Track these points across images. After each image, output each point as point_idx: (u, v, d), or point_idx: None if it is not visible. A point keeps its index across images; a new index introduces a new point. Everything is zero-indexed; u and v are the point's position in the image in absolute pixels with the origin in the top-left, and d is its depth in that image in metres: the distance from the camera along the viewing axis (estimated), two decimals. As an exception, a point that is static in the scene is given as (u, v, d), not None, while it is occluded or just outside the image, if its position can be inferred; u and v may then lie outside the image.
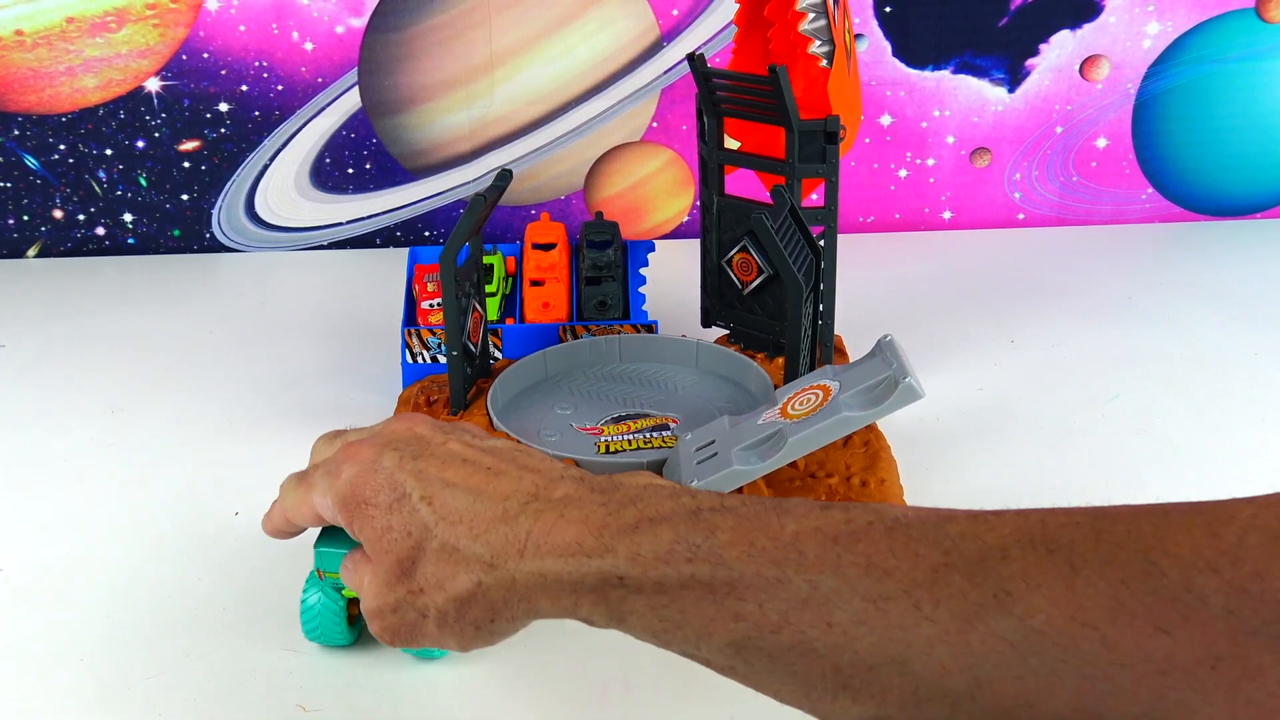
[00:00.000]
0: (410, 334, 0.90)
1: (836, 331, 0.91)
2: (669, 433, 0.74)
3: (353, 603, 0.60)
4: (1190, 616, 0.28)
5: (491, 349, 0.90)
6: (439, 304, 0.91)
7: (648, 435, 0.74)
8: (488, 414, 0.76)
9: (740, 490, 0.65)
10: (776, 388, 0.74)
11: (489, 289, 0.92)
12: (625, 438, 0.74)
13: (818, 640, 0.35)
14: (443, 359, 0.90)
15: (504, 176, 0.76)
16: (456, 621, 0.46)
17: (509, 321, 0.91)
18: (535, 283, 0.92)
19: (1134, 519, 0.31)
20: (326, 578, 0.58)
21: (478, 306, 0.80)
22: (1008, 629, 0.30)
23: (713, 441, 0.65)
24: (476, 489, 0.46)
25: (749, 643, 0.37)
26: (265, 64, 1.14)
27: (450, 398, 0.78)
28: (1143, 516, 0.31)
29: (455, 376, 0.76)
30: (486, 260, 0.94)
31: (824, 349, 0.87)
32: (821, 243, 0.84)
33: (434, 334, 0.90)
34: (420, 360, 0.90)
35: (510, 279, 0.95)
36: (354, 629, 0.61)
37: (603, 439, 0.74)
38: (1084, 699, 0.29)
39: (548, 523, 0.44)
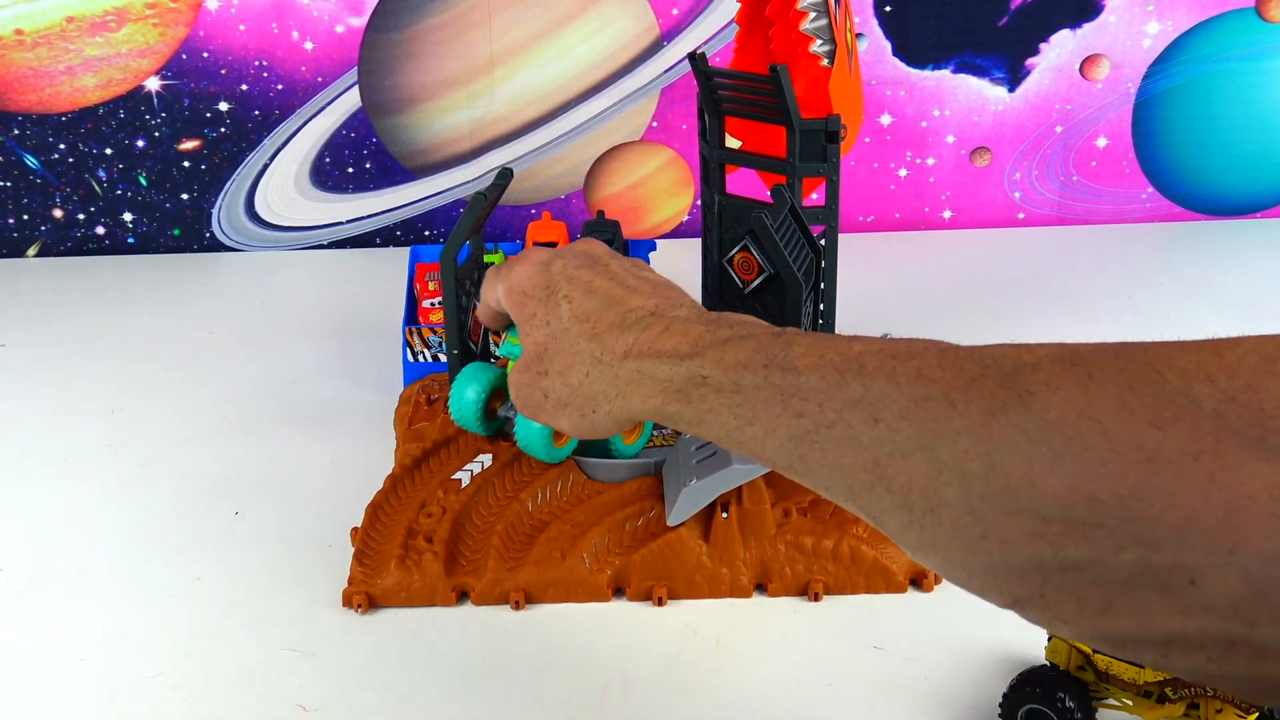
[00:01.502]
0: (411, 332, 0.90)
1: (838, 331, 0.91)
2: (668, 431, 0.75)
3: (494, 397, 0.70)
4: (1182, 416, 0.33)
5: (492, 347, 0.90)
6: (440, 302, 0.91)
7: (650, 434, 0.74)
8: None
9: (739, 489, 0.65)
10: None
11: None
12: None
13: (864, 434, 0.40)
14: (444, 357, 0.90)
15: (505, 175, 0.76)
16: (567, 405, 0.53)
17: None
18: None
19: (1154, 344, 0.36)
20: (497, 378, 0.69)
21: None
22: (1025, 421, 0.35)
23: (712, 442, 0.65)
24: (610, 298, 0.53)
25: (806, 437, 0.42)
26: (265, 63, 1.14)
27: None
28: (1161, 343, 0.36)
29: (455, 375, 0.76)
30: (488, 259, 0.94)
31: (824, 349, 0.87)
32: (822, 242, 0.84)
33: (435, 333, 0.90)
34: (421, 359, 0.90)
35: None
36: (491, 424, 0.70)
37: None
38: (1079, 479, 0.33)
39: (654, 333, 0.50)
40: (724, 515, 0.65)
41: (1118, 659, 0.53)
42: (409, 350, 0.90)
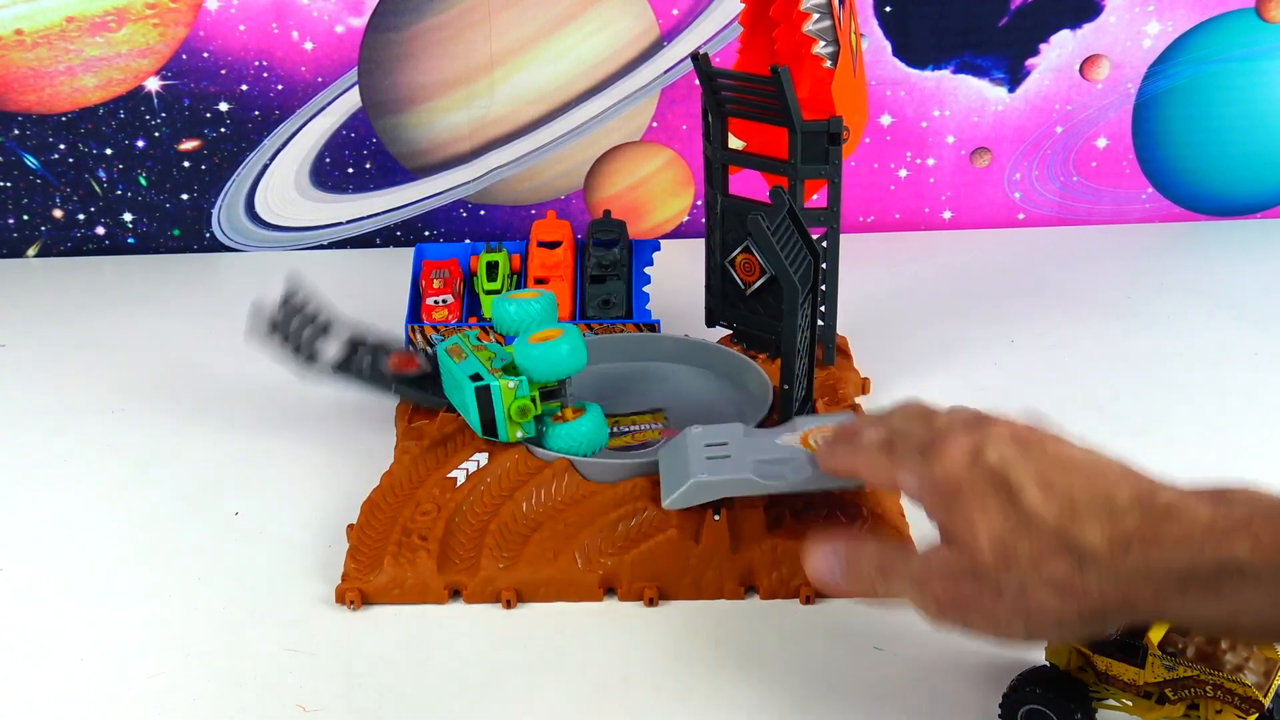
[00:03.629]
0: (414, 330, 0.90)
1: (839, 332, 0.91)
2: (665, 425, 0.75)
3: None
4: None
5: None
6: (444, 300, 0.91)
7: (649, 428, 0.75)
8: None
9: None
10: (783, 400, 0.74)
11: (493, 286, 0.92)
12: (624, 431, 0.75)
13: None
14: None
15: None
16: (1037, 606, 0.47)
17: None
18: (540, 280, 0.92)
19: None
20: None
21: None
22: None
23: (725, 444, 0.65)
24: (1081, 485, 0.48)
25: None
26: (265, 63, 1.14)
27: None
28: None
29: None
30: (491, 258, 0.94)
31: (826, 350, 0.87)
32: (823, 244, 0.84)
33: (438, 330, 0.90)
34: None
35: (515, 277, 0.95)
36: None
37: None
38: None
39: (1155, 520, 0.45)
40: (715, 517, 0.65)
41: (1117, 660, 0.53)
42: (411, 348, 0.90)
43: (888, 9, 1.14)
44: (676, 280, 0.98)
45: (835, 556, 0.55)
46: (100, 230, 1.19)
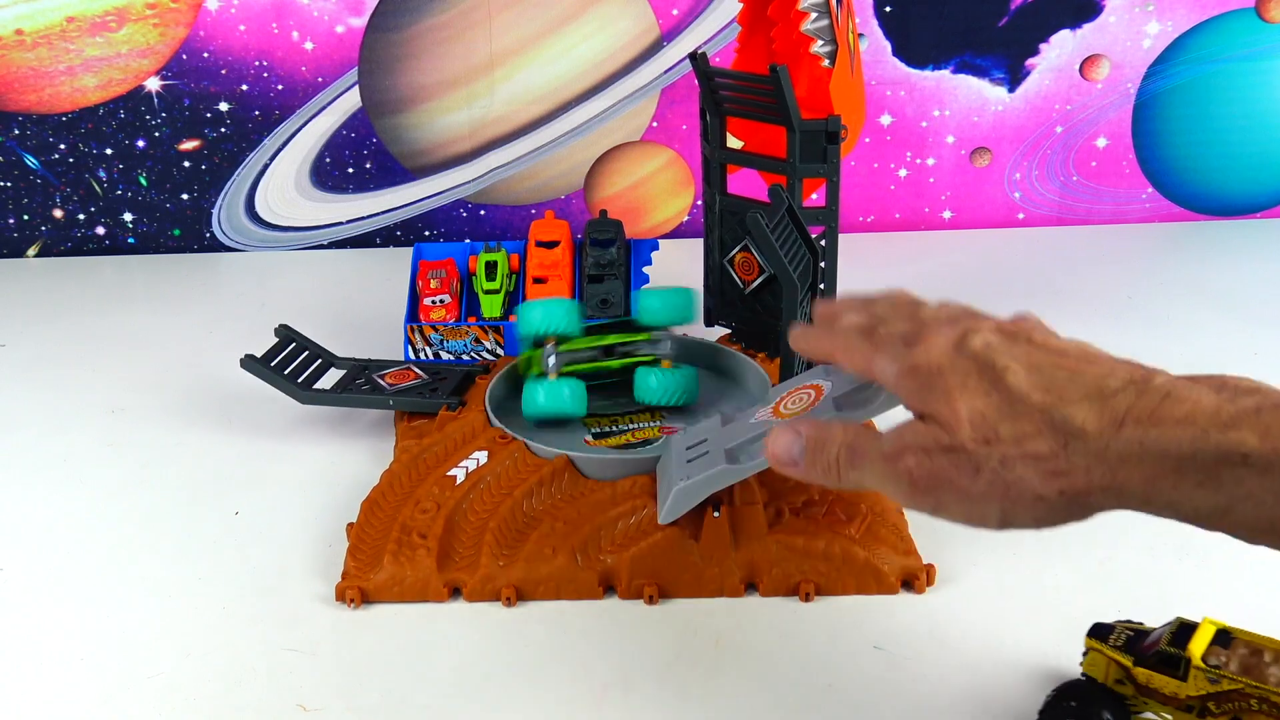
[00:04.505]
0: (413, 329, 0.90)
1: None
2: (663, 422, 0.75)
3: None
4: None
5: (493, 346, 0.90)
6: (441, 300, 0.91)
7: (649, 426, 0.75)
8: (485, 409, 0.76)
9: (731, 488, 0.65)
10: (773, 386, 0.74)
11: (492, 285, 0.92)
12: (623, 430, 0.75)
13: None
14: (445, 354, 0.90)
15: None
16: (1016, 483, 0.44)
17: (511, 319, 0.91)
18: (538, 280, 0.92)
19: None
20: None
21: None
22: None
23: (704, 440, 0.65)
24: (1070, 368, 0.45)
25: None
26: (265, 64, 1.14)
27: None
28: None
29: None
30: (489, 257, 0.94)
31: (824, 349, 0.87)
32: (822, 243, 0.84)
33: (436, 330, 0.90)
34: (423, 356, 0.90)
35: (514, 276, 0.95)
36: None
37: (600, 432, 0.75)
38: None
39: (1152, 400, 0.43)
40: (715, 514, 0.65)
41: (1159, 672, 0.52)
42: (410, 348, 0.90)
43: (888, 9, 1.14)
44: (676, 279, 0.97)
45: (796, 437, 0.51)
46: (100, 230, 1.19)
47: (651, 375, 0.75)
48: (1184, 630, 0.52)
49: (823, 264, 0.85)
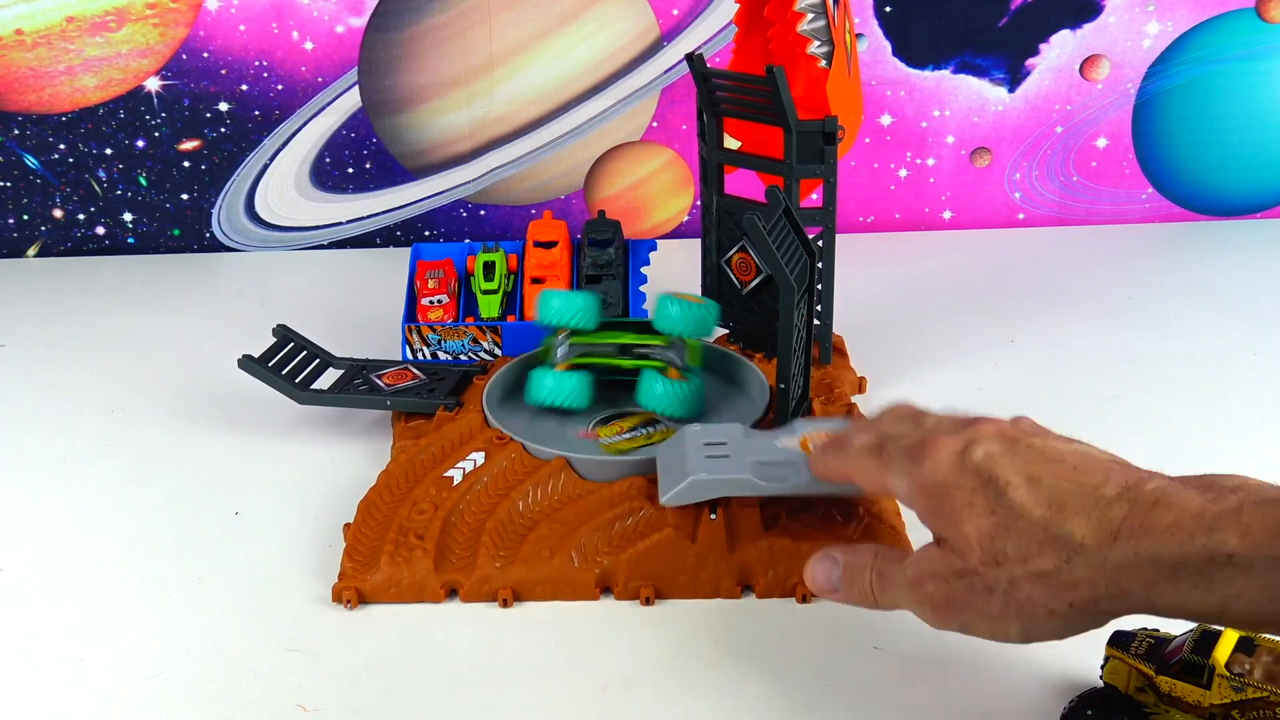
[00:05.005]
0: (411, 330, 0.90)
1: (837, 331, 0.91)
2: (663, 426, 0.75)
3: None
4: None
5: (491, 346, 0.90)
6: (439, 300, 0.91)
7: (648, 431, 0.75)
8: (482, 410, 0.76)
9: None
10: (779, 408, 0.74)
11: (490, 286, 0.92)
12: (624, 437, 0.74)
13: None
14: (443, 354, 0.90)
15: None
16: (1027, 601, 0.47)
17: (509, 319, 0.91)
18: (536, 280, 0.92)
19: None
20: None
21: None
22: None
23: (724, 443, 0.66)
24: (1067, 479, 0.47)
25: None
26: (265, 64, 1.14)
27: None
28: None
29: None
30: (488, 257, 0.94)
31: (822, 349, 0.87)
32: (819, 243, 0.84)
33: (434, 330, 0.90)
34: (420, 356, 0.90)
35: (512, 276, 0.95)
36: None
37: (605, 440, 0.74)
38: None
39: (1143, 509, 0.44)
40: (712, 516, 0.65)
41: (1182, 681, 0.51)
42: (408, 348, 0.90)
43: (888, 9, 1.14)
44: (674, 280, 0.98)
45: (834, 565, 0.55)
46: (100, 230, 1.19)
47: (658, 382, 0.75)
48: (1207, 638, 0.52)
49: (820, 265, 0.85)
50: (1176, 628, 0.56)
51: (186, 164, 1.17)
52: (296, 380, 0.83)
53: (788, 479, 0.62)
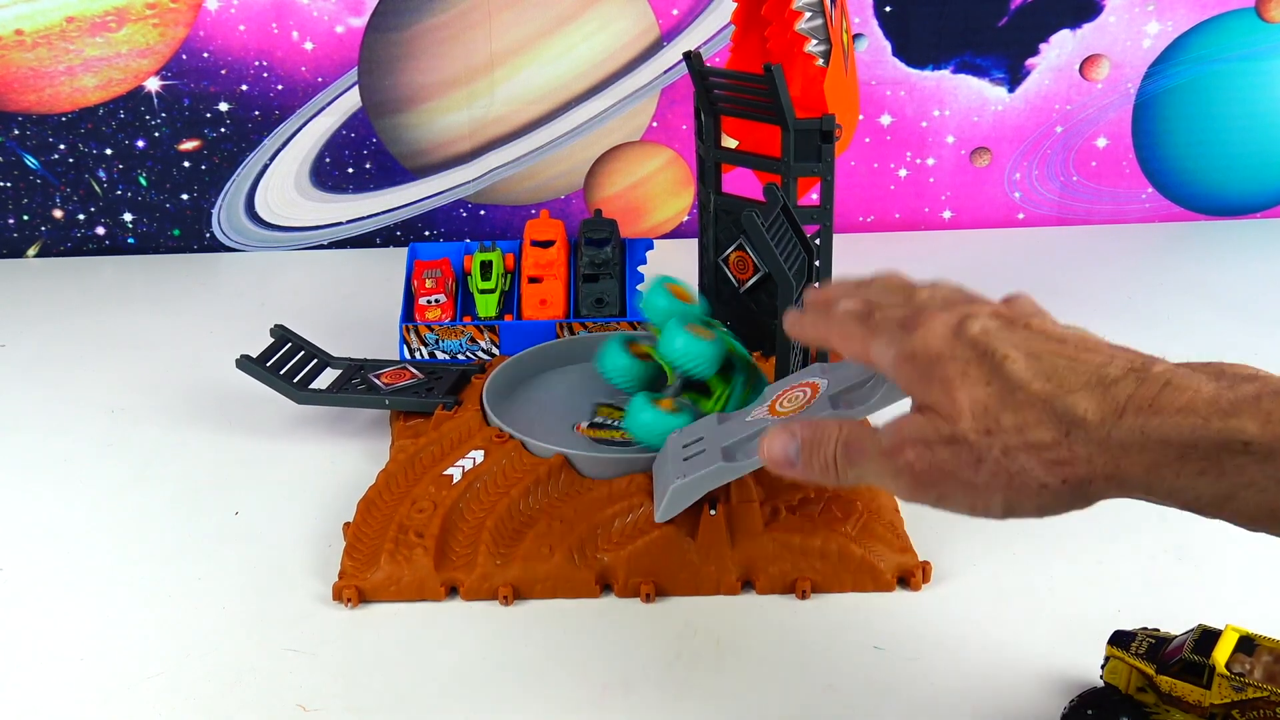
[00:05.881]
0: (408, 330, 0.90)
1: (836, 331, 0.91)
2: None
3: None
4: None
5: (488, 345, 0.91)
6: (436, 300, 0.91)
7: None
8: (481, 408, 0.76)
9: (728, 486, 0.65)
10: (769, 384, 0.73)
11: (487, 285, 0.92)
12: (598, 421, 0.75)
13: None
14: (441, 354, 0.90)
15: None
16: (1019, 473, 0.44)
17: (507, 318, 0.91)
18: (533, 279, 0.92)
19: None
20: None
21: None
22: None
23: (700, 438, 0.65)
24: (1069, 356, 0.45)
25: None
26: (265, 64, 1.14)
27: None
28: None
29: None
30: (485, 257, 0.94)
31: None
32: (817, 241, 0.84)
33: (432, 330, 0.90)
34: (418, 356, 0.90)
35: (509, 275, 0.95)
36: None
37: (585, 423, 0.75)
38: None
39: (1152, 388, 0.43)
40: (712, 512, 0.65)
41: (1182, 680, 0.51)
42: (405, 348, 0.90)
43: (888, 9, 1.14)
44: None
45: (791, 437, 0.50)
46: (100, 230, 1.19)
47: (646, 412, 0.71)
48: (1207, 638, 0.52)
49: (818, 263, 0.85)
50: (1177, 627, 0.56)
51: (186, 164, 1.17)
52: (295, 380, 0.83)
53: (756, 452, 0.60)
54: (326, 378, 0.85)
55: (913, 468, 0.46)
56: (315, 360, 0.86)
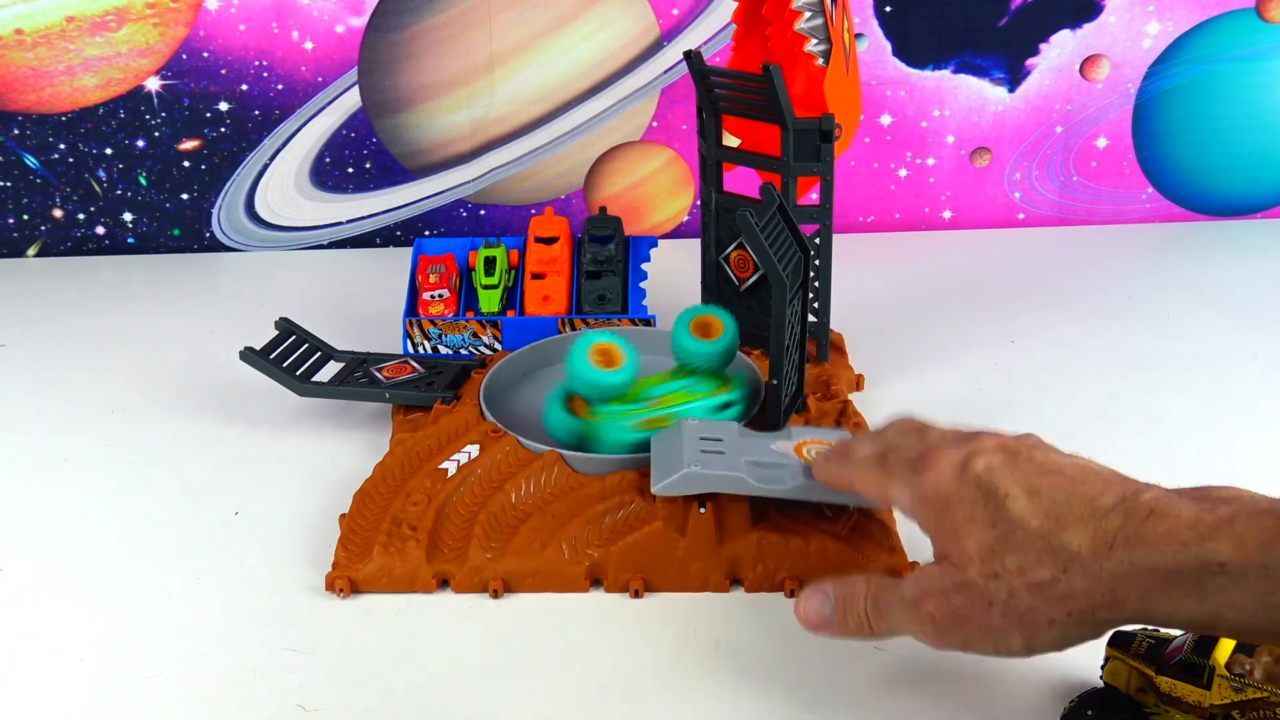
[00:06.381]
0: (411, 324, 0.90)
1: (836, 330, 0.91)
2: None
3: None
4: None
5: (490, 340, 0.91)
6: (440, 295, 0.91)
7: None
8: (479, 403, 0.76)
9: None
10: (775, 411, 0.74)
11: (491, 281, 0.92)
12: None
13: None
14: (444, 349, 0.90)
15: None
16: (1028, 612, 0.47)
17: (509, 314, 0.91)
18: (536, 276, 0.92)
19: None
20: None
21: None
22: None
23: (720, 439, 0.66)
24: (1066, 490, 0.48)
25: None
26: (265, 63, 1.14)
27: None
28: None
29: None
30: (489, 253, 0.94)
31: (819, 346, 0.87)
32: (816, 241, 0.84)
33: (435, 324, 0.90)
34: (421, 350, 0.90)
35: (513, 272, 0.95)
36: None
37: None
38: None
39: (1138, 519, 0.45)
40: (701, 510, 0.65)
41: (1182, 681, 0.52)
42: (409, 343, 0.90)
43: (888, 9, 1.14)
44: (674, 277, 0.98)
45: (825, 598, 0.55)
46: (100, 230, 1.19)
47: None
48: (1207, 638, 0.52)
49: (817, 262, 0.85)
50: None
51: (186, 164, 1.17)
52: (297, 373, 0.83)
53: (783, 481, 0.63)
54: (330, 370, 0.85)
55: (934, 617, 0.50)
56: (319, 353, 0.86)
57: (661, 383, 0.73)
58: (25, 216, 1.18)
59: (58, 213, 1.18)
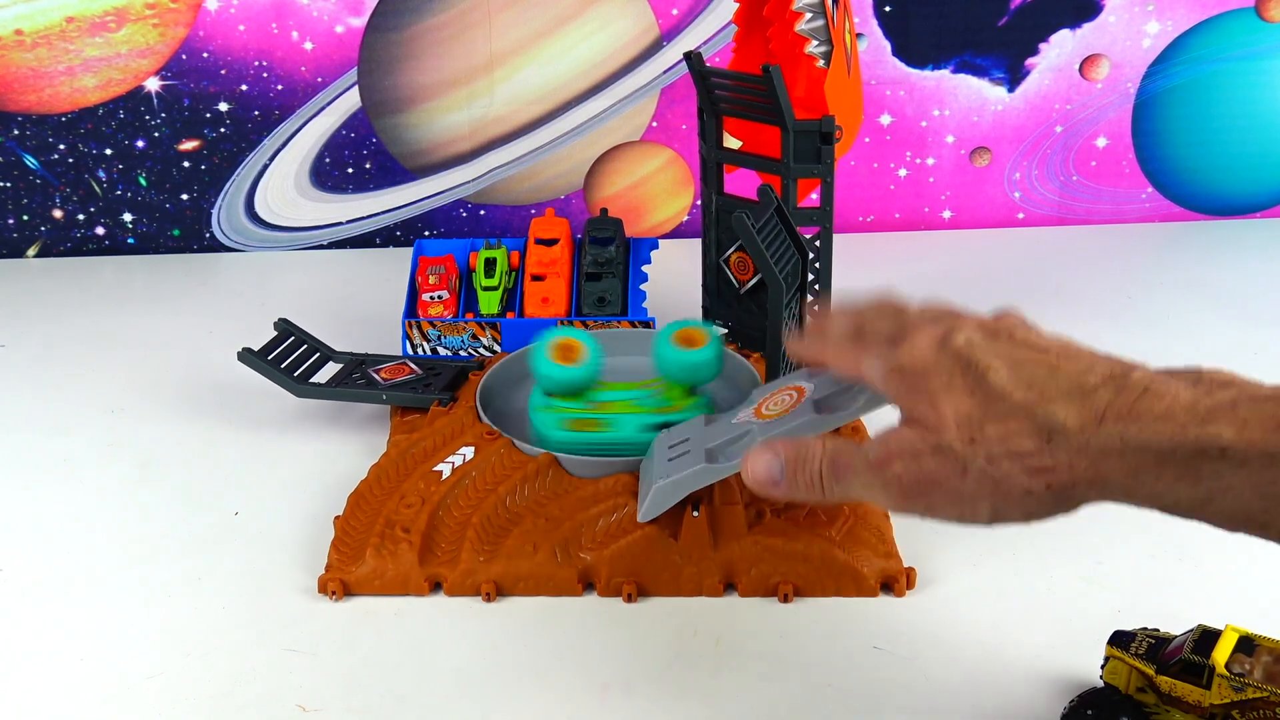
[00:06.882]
0: (411, 325, 0.90)
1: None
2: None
3: None
4: None
5: (490, 342, 0.91)
6: (439, 296, 0.91)
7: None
8: (476, 406, 0.76)
9: (712, 488, 0.65)
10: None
11: (491, 282, 0.92)
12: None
13: None
14: (443, 350, 0.90)
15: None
16: (1003, 480, 0.45)
17: (509, 316, 0.91)
18: (536, 277, 0.92)
19: None
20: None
21: None
22: None
23: (686, 439, 0.65)
24: (1050, 364, 0.46)
25: None
26: (265, 64, 1.14)
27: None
28: None
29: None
30: (489, 254, 0.94)
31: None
32: (816, 243, 0.84)
33: (434, 325, 0.90)
34: (421, 351, 0.90)
35: (513, 273, 0.95)
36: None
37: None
38: None
39: (1131, 395, 0.44)
40: (695, 514, 0.65)
41: (1182, 681, 0.51)
42: (408, 343, 0.90)
43: (888, 9, 1.14)
44: (675, 279, 0.98)
45: (774, 457, 0.51)
46: (100, 230, 1.19)
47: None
48: (1206, 638, 0.52)
49: (817, 264, 0.85)
50: (1177, 627, 0.56)
51: (186, 164, 1.17)
52: (296, 374, 0.83)
53: (739, 454, 0.60)
54: (328, 372, 0.85)
55: (900, 479, 0.47)
56: (317, 354, 0.86)
57: (614, 389, 0.73)
58: (25, 217, 1.18)
59: (58, 213, 1.18)
